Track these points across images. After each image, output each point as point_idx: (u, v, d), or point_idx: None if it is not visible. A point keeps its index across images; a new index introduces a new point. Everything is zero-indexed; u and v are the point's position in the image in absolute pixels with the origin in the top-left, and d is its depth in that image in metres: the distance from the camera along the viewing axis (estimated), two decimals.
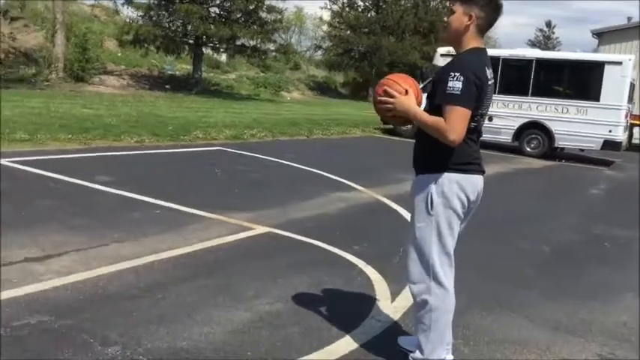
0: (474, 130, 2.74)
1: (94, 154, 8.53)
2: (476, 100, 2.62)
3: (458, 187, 2.71)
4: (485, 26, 2.72)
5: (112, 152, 8.87)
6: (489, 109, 2.84)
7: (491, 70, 2.73)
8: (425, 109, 2.76)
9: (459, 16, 2.68)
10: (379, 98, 2.79)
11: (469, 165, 2.75)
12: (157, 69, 29.93)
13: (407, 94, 2.74)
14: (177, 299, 3.57)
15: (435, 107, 2.66)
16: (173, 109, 17.35)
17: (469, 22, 2.67)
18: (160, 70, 29.85)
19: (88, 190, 6.30)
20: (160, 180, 7.35)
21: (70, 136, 9.55)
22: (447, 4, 2.78)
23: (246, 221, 5.55)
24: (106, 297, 3.51)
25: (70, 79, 22.33)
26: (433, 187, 2.71)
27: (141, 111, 15.30)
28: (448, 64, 2.70)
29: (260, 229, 5.33)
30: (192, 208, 5.83)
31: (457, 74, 2.57)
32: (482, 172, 2.82)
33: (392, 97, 2.74)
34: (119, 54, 29.60)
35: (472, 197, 2.77)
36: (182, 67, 31.86)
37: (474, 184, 2.77)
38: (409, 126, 3.03)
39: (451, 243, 2.77)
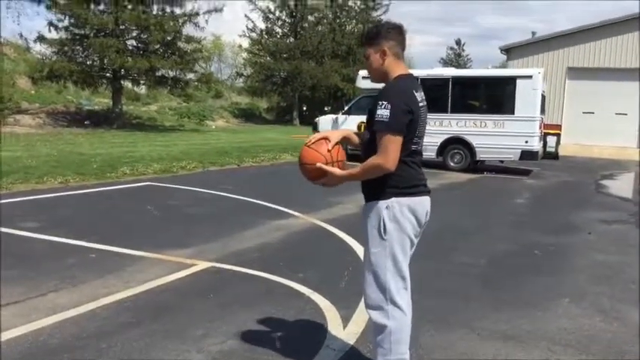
0: (414, 153, 2.85)
1: (17, 199, 8.12)
2: (411, 124, 2.73)
3: (409, 211, 2.80)
4: (399, 51, 2.88)
5: (35, 196, 8.48)
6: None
7: (421, 92, 2.85)
8: (365, 138, 2.87)
9: (375, 57, 2.86)
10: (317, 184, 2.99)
11: (417, 187, 2.86)
12: (73, 104, 29.00)
13: (322, 171, 2.86)
14: (124, 347, 3.44)
15: (373, 133, 2.76)
16: (95, 145, 16.85)
17: (385, 57, 2.83)
18: (77, 106, 28.95)
19: (15, 238, 5.99)
20: (91, 221, 7.09)
21: None
22: (363, 51, 2.94)
23: (187, 258, 5.44)
24: (49, 352, 3.34)
25: None
26: (385, 213, 2.78)
27: (62, 150, 14.76)
28: (379, 92, 2.80)
29: (201, 265, 5.24)
30: (128, 249, 5.66)
31: (385, 102, 2.70)
32: (428, 192, 2.93)
33: (323, 182, 2.92)
34: (32, 92, 28.49)
35: (422, 219, 2.88)
36: (100, 101, 31.05)
37: (423, 205, 2.87)
38: None
39: (405, 266, 2.85)
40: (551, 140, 18.56)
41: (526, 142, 13.92)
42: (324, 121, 17.02)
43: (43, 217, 7.02)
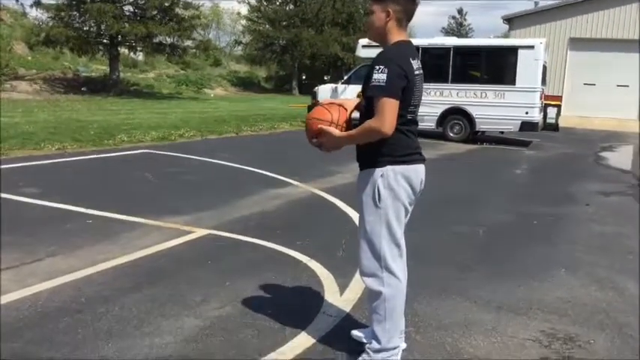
0: (410, 122, 2.82)
1: (15, 165, 8.10)
2: (406, 91, 2.70)
3: (403, 179, 2.77)
4: (404, 19, 2.81)
5: (33, 162, 8.45)
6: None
7: (417, 61, 2.81)
8: (362, 107, 2.84)
9: (378, 15, 2.78)
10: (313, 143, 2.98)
11: (411, 155, 2.83)
12: (70, 71, 28.76)
13: (321, 132, 2.86)
14: (122, 312, 3.45)
15: (368, 100, 2.73)
16: (93, 112, 16.76)
17: (388, 19, 2.76)
18: (74, 72, 28.72)
19: (12, 203, 5.98)
20: (88, 188, 7.07)
21: None
22: (367, 6, 2.87)
23: (185, 225, 5.44)
24: (47, 315, 3.35)
25: None
26: (379, 181, 2.76)
27: (59, 116, 14.68)
28: (375, 57, 2.75)
29: (199, 232, 5.24)
30: (126, 215, 5.65)
31: (381, 67, 2.65)
32: (423, 160, 2.91)
33: (319, 145, 2.92)
34: (29, 57, 28.23)
35: (417, 187, 2.86)
36: (97, 67, 30.81)
37: (417, 173, 2.85)
38: None
39: (400, 233, 2.84)
40: (552, 112, 18.48)
41: (526, 113, 13.84)
42: (324, 90, 16.89)
43: (40, 183, 7.00)
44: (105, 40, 27.38)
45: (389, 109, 2.64)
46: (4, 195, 6.23)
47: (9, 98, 20.16)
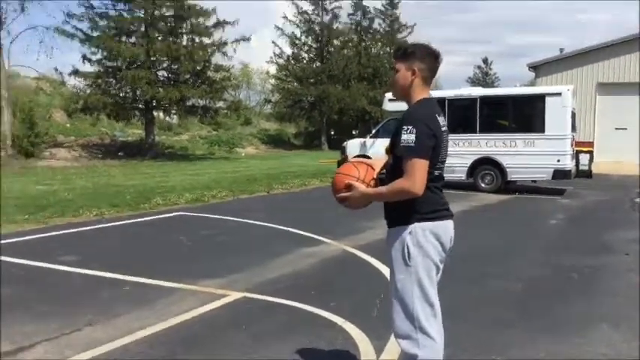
0: (437, 178, 2.86)
1: (54, 233, 8.33)
2: (434, 149, 2.75)
3: (432, 236, 2.79)
4: (429, 76, 2.89)
5: (72, 229, 8.68)
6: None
7: (442, 117, 2.87)
8: (389, 165, 2.89)
9: (403, 73, 2.86)
10: (338, 198, 3.02)
11: (439, 212, 2.85)
12: (108, 136, 29.71)
13: (350, 187, 2.92)
14: None
15: (397, 158, 2.78)
16: (129, 176, 17.19)
17: (413, 77, 2.84)
18: (111, 138, 29.65)
19: (51, 272, 6.14)
20: (125, 254, 7.22)
21: (26, 216, 9.33)
22: (393, 63, 2.96)
23: (219, 288, 5.49)
24: None
25: (20, 156, 21.89)
26: (408, 238, 2.78)
27: (96, 182, 15.10)
28: (403, 117, 2.82)
29: (234, 295, 5.28)
30: (161, 280, 5.74)
31: (410, 127, 2.70)
32: (451, 216, 2.92)
33: (344, 200, 2.96)
34: (68, 125, 29.33)
35: (446, 243, 2.87)
36: (133, 132, 31.74)
37: (446, 229, 2.87)
38: None
39: (433, 292, 2.82)
40: (584, 158, 18.23)
41: (558, 160, 13.71)
42: (352, 145, 17.08)
43: (79, 250, 7.17)
44: (140, 105, 28.35)
45: (419, 170, 2.68)
46: (45, 264, 6.39)
47: (48, 166, 20.86)
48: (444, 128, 2.84)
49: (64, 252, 7.02)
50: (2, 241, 7.54)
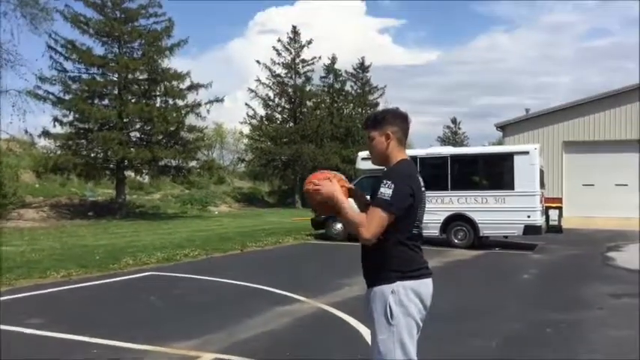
0: (417, 236, 2.89)
1: (20, 295, 8.06)
2: (412, 208, 2.79)
3: (414, 294, 2.79)
4: (402, 137, 2.98)
5: (38, 291, 8.41)
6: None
7: (420, 178, 2.92)
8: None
9: (379, 139, 2.95)
10: (309, 187, 2.99)
11: (420, 270, 2.87)
12: (77, 196, 29.27)
13: (330, 181, 2.93)
14: None
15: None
16: (98, 236, 16.87)
17: (389, 141, 2.93)
18: (80, 198, 29.22)
19: (18, 336, 5.90)
20: (94, 315, 7.00)
21: None
22: (365, 132, 3.05)
23: (191, 349, 5.34)
24: None
25: None
26: (391, 298, 2.77)
27: (65, 242, 14.77)
28: (383, 173, 2.87)
29: (206, 357, 5.13)
30: (131, 342, 5.55)
31: (389, 182, 2.76)
32: (431, 274, 2.93)
33: (315, 185, 2.94)
34: (37, 185, 28.87)
35: (427, 301, 2.87)
36: (104, 191, 31.37)
37: (427, 287, 2.88)
38: (339, 227, 3.19)
39: (414, 351, 2.80)
40: (554, 214, 18.53)
41: (528, 216, 13.93)
42: None
43: (45, 313, 6.94)
44: (111, 165, 28.11)
45: (379, 221, 2.72)
46: (10, 327, 6.15)
47: (16, 227, 20.39)
48: (422, 188, 2.90)
49: (30, 315, 6.77)
50: None
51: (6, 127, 31.34)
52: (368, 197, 3.00)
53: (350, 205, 2.91)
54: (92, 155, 27.72)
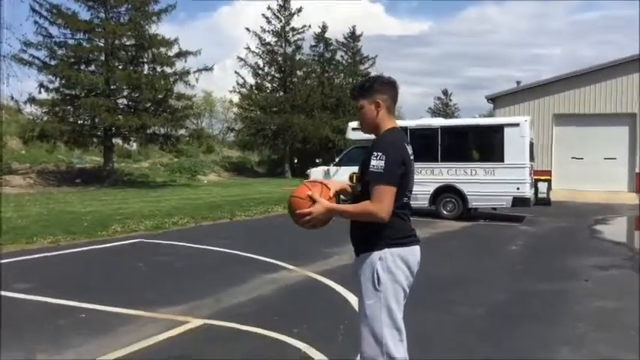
0: (406, 205, 2.87)
1: (7, 260, 8.00)
2: (403, 177, 2.76)
3: (401, 261, 2.78)
4: (391, 105, 2.94)
5: (25, 256, 8.36)
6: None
7: (409, 147, 2.88)
8: (357, 190, 2.89)
9: (369, 108, 2.89)
10: (300, 222, 2.90)
11: (408, 237, 2.86)
12: (64, 164, 29.01)
13: (313, 202, 2.84)
14: None
15: (365, 184, 2.77)
16: (86, 203, 16.77)
17: (378, 109, 2.87)
18: (68, 165, 28.95)
19: (5, 300, 5.86)
20: (81, 281, 6.97)
21: None
22: (354, 102, 2.98)
23: (179, 315, 5.34)
24: None
25: None
26: (378, 264, 2.76)
27: (52, 209, 14.67)
28: (372, 144, 2.82)
29: (195, 322, 5.13)
30: (119, 307, 5.55)
31: (380, 153, 2.72)
32: (419, 241, 2.92)
33: (304, 215, 2.84)
34: (23, 152, 28.54)
35: (414, 268, 2.86)
36: (92, 159, 31.11)
37: (414, 255, 2.87)
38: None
39: (400, 317, 2.81)
40: (542, 186, 18.65)
41: (517, 188, 13.98)
42: (316, 172, 17.07)
43: (32, 278, 6.91)
44: (99, 133, 27.81)
45: (387, 196, 2.69)
46: None
47: (2, 193, 20.20)
48: (412, 157, 2.86)
49: (17, 279, 6.74)
50: None
51: None
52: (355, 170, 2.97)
53: (345, 206, 2.87)
54: (79, 122, 27.38)
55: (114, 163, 28.83)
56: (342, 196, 3.13)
